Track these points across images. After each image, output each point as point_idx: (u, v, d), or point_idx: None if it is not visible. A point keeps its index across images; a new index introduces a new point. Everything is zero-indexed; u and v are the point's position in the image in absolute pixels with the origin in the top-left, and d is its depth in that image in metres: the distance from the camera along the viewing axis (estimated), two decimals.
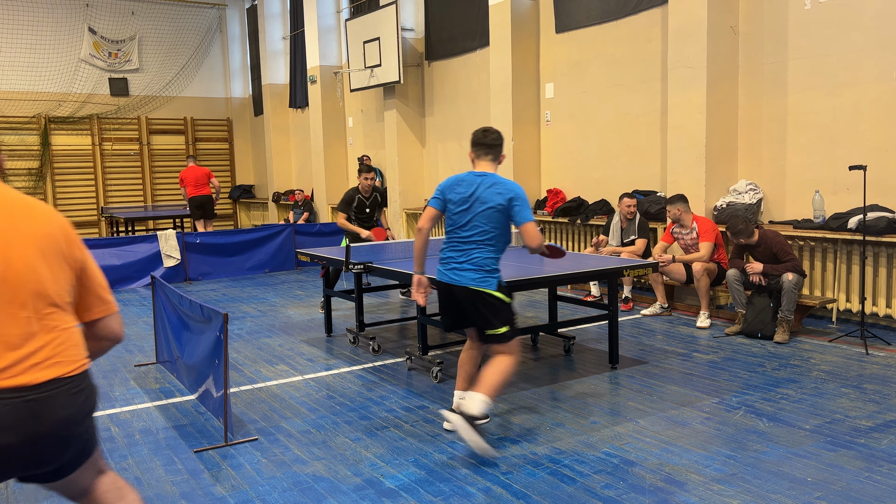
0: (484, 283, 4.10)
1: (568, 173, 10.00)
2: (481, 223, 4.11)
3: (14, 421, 1.84)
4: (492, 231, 4.12)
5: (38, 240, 1.99)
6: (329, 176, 15.04)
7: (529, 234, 4.09)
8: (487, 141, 4.30)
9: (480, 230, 4.12)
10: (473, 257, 4.11)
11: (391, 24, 12.09)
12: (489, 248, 4.13)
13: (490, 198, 4.10)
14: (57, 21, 16.92)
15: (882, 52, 6.56)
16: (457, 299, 4.20)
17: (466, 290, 4.11)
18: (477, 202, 4.12)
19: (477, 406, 3.92)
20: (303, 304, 8.75)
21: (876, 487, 3.49)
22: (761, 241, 6.38)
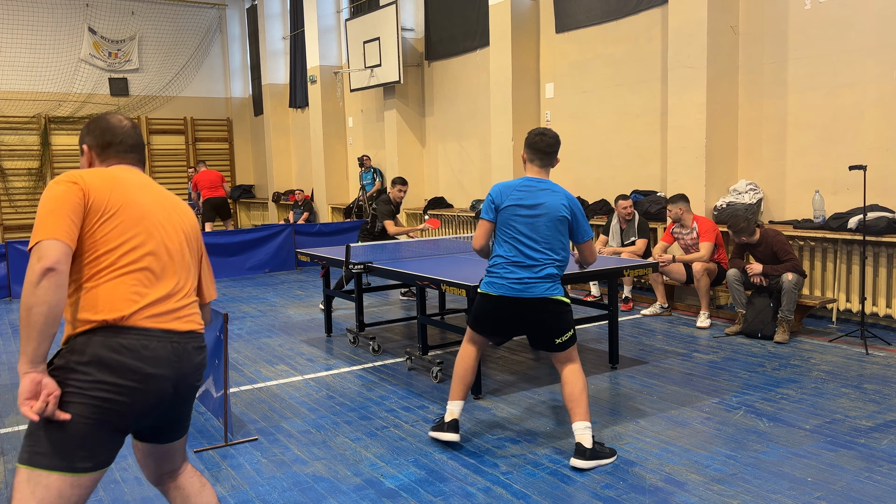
0: (555, 291, 3.97)
1: (568, 173, 10.00)
2: (547, 232, 3.95)
3: (168, 357, 2.29)
4: (557, 240, 3.97)
5: (185, 228, 2.50)
6: (329, 176, 15.04)
7: (591, 252, 4.12)
8: (543, 146, 4.09)
9: (547, 239, 3.95)
10: (541, 268, 3.94)
11: (391, 24, 12.10)
12: (556, 256, 3.98)
13: (555, 207, 3.96)
14: (57, 21, 16.93)
15: (882, 52, 6.56)
16: (520, 312, 3.97)
17: (538, 301, 3.93)
18: (542, 211, 3.95)
19: (590, 437, 3.89)
20: (303, 304, 8.75)
21: (876, 487, 3.49)
22: (762, 240, 6.39)
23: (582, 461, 3.82)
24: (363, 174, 13.59)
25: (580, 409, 3.93)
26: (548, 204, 3.96)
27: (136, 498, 3.63)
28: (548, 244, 3.96)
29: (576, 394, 3.95)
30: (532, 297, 3.94)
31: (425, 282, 5.09)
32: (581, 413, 3.92)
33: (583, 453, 3.84)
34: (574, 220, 4.01)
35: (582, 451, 3.84)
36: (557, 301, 3.98)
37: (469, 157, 11.85)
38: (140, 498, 3.62)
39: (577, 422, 3.91)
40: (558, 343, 4.00)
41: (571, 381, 3.99)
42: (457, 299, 8.33)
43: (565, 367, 4.04)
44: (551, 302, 3.96)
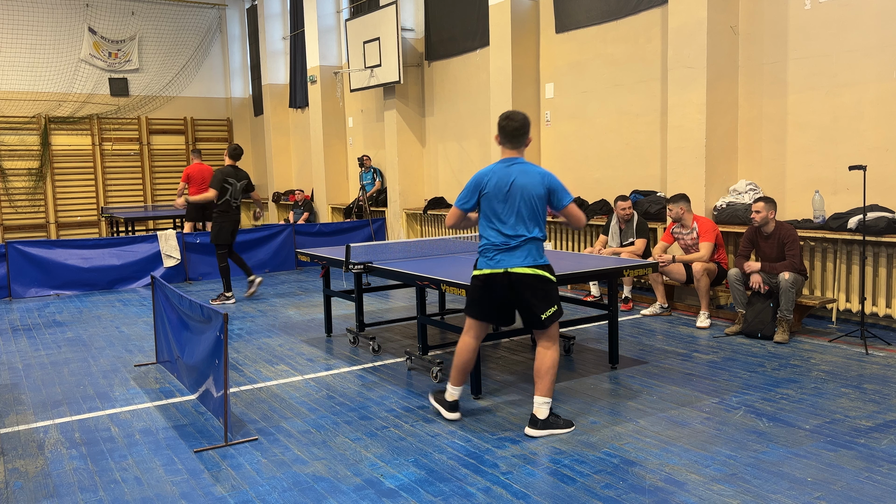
0: (537, 264, 4.26)
1: (568, 173, 10.00)
2: (524, 209, 4.23)
3: None
4: (535, 215, 4.25)
5: None
6: (329, 176, 15.04)
7: (575, 215, 4.35)
8: (510, 130, 4.33)
9: (525, 216, 4.24)
10: (522, 244, 4.24)
11: (391, 24, 12.10)
12: (535, 232, 4.27)
13: (528, 185, 4.23)
14: (57, 21, 16.93)
15: (882, 52, 6.56)
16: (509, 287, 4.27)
17: (521, 274, 4.23)
18: (517, 192, 4.23)
19: (546, 410, 4.28)
20: (303, 304, 8.75)
21: (876, 487, 3.49)
22: (776, 231, 6.38)
23: (534, 430, 4.25)
24: (363, 174, 13.59)
25: (543, 385, 4.29)
26: (519, 182, 4.24)
27: (136, 498, 3.63)
28: (526, 221, 4.25)
29: (543, 369, 4.30)
30: (517, 271, 4.24)
31: (425, 282, 5.09)
32: (543, 388, 4.29)
33: (535, 423, 4.26)
34: (551, 192, 4.28)
35: (535, 421, 4.26)
36: (541, 276, 4.27)
37: (469, 157, 11.84)
38: (140, 498, 3.62)
39: (537, 395, 4.29)
40: (544, 318, 4.28)
41: (545, 360, 4.32)
42: (457, 299, 8.33)
43: (542, 341, 4.37)
44: (535, 277, 4.25)
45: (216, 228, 8.94)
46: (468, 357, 4.51)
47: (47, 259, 9.87)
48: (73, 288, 9.99)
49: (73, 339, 7.23)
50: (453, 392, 4.54)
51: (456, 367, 4.51)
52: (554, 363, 4.31)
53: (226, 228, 8.93)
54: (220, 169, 8.89)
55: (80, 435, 4.51)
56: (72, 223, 17.27)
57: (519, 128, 4.31)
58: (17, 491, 3.75)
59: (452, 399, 4.54)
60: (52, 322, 8.07)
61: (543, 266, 4.30)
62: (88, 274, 10.08)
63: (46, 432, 4.59)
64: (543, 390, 4.28)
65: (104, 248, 10.23)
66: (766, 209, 6.43)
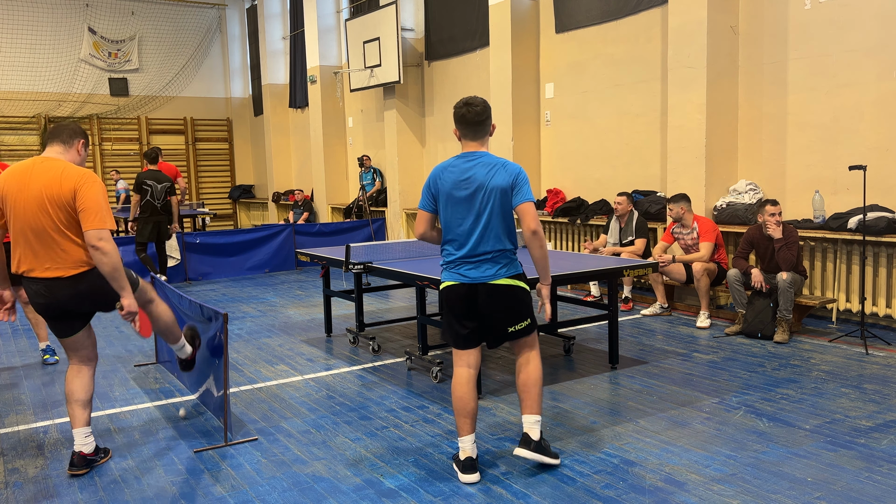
0: (508, 273, 3.70)
1: (568, 173, 10.00)
2: (487, 210, 3.64)
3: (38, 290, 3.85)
4: (500, 215, 3.66)
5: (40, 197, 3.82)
6: (329, 176, 15.04)
7: (529, 214, 3.61)
8: (471, 118, 3.72)
9: (494, 217, 3.65)
10: (490, 249, 3.67)
11: (391, 24, 12.09)
12: (505, 234, 3.70)
13: (491, 179, 3.64)
14: (57, 21, 16.92)
15: (882, 52, 6.56)
16: (477, 300, 3.71)
17: (491, 286, 3.67)
18: (479, 188, 3.65)
19: (538, 430, 3.78)
20: (303, 304, 8.75)
21: (876, 487, 3.49)
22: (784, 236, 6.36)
23: (527, 451, 3.72)
24: (363, 174, 13.59)
25: (533, 401, 3.79)
26: (481, 178, 3.65)
27: (136, 498, 3.63)
28: (488, 222, 3.65)
29: (530, 383, 3.80)
30: (487, 283, 3.68)
31: (425, 282, 5.09)
32: (534, 405, 3.78)
33: (528, 443, 3.73)
34: (514, 185, 3.64)
35: (528, 441, 3.74)
36: (516, 287, 3.72)
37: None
38: (140, 498, 3.62)
39: (527, 414, 3.80)
40: (511, 332, 3.77)
41: (526, 368, 3.84)
42: None
43: (524, 352, 3.86)
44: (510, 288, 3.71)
45: (139, 227, 9.73)
46: (467, 391, 3.74)
47: None
48: None
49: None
50: (463, 447, 3.73)
51: (455, 410, 3.75)
52: (541, 375, 3.83)
53: (146, 228, 9.69)
54: (139, 173, 9.77)
55: None
56: None
57: (480, 113, 3.70)
58: (17, 491, 3.75)
59: (465, 456, 3.71)
60: None
61: (519, 275, 3.76)
62: None
63: (46, 432, 4.59)
64: (534, 407, 3.77)
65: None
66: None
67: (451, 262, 3.76)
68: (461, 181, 3.68)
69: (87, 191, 3.69)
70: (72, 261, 3.75)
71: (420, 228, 3.84)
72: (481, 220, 3.66)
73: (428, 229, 3.84)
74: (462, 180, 3.68)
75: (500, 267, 3.70)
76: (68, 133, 3.87)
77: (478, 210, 3.66)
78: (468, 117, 3.73)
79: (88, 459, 3.97)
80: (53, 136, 3.86)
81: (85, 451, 3.96)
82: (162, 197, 9.71)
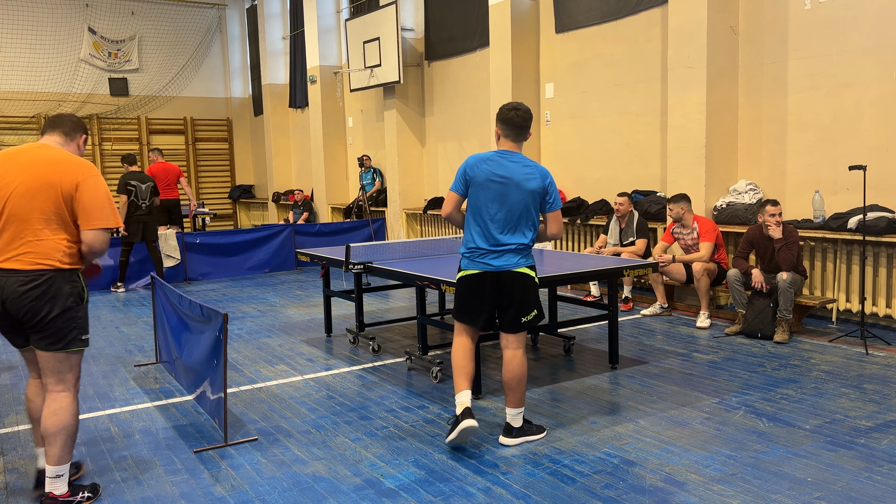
0: (526, 263, 4.09)
1: (568, 173, 10.00)
2: (516, 205, 4.00)
3: None
4: (526, 212, 4.03)
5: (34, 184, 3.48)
6: (329, 176, 15.04)
7: (558, 222, 4.15)
8: (518, 122, 4.08)
9: (516, 212, 4.01)
10: (514, 241, 4.03)
11: (391, 24, 12.10)
12: (529, 230, 4.07)
13: (526, 181, 4.00)
14: (57, 21, 16.92)
15: (882, 52, 6.56)
16: (498, 287, 4.07)
17: (514, 273, 4.04)
18: (514, 185, 3.99)
19: (520, 420, 4.17)
20: (303, 304, 8.75)
21: (876, 487, 3.49)
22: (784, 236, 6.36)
23: (509, 438, 4.13)
24: (363, 174, 13.59)
25: (516, 397, 4.13)
26: (517, 175, 4.02)
27: (136, 498, 3.63)
28: (517, 217, 4.02)
29: (515, 380, 4.11)
30: (504, 271, 4.05)
31: (425, 282, 5.09)
32: (516, 400, 4.14)
33: (509, 432, 4.14)
34: (547, 192, 4.07)
35: (509, 429, 4.15)
36: (532, 276, 4.11)
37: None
38: (140, 498, 3.62)
39: (510, 408, 4.15)
40: (523, 322, 4.11)
41: (512, 364, 4.13)
42: None
43: (509, 350, 4.15)
44: (529, 277, 4.09)
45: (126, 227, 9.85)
46: (465, 355, 4.19)
47: None
48: None
49: None
50: (462, 400, 4.07)
51: (455, 369, 4.19)
52: (525, 372, 4.12)
53: (133, 227, 9.88)
54: (123, 174, 10.02)
55: (80, 435, 4.51)
56: None
57: (526, 119, 4.08)
58: (17, 491, 3.75)
59: (463, 408, 4.03)
60: None
61: (533, 268, 4.16)
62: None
63: None
64: (517, 402, 4.11)
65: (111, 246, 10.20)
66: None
67: (475, 251, 4.11)
68: (498, 175, 4.03)
69: (91, 186, 3.42)
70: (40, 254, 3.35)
71: (448, 209, 4.22)
72: (512, 214, 4.02)
73: (455, 210, 4.22)
74: (499, 174, 4.03)
75: (520, 257, 4.08)
76: (71, 126, 3.63)
77: (510, 205, 4.02)
78: (516, 121, 4.09)
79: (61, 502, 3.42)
80: (55, 126, 3.62)
81: (56, 492, 3.42)
82: (147, 197, 9.91)
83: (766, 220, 6.37)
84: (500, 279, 4.07)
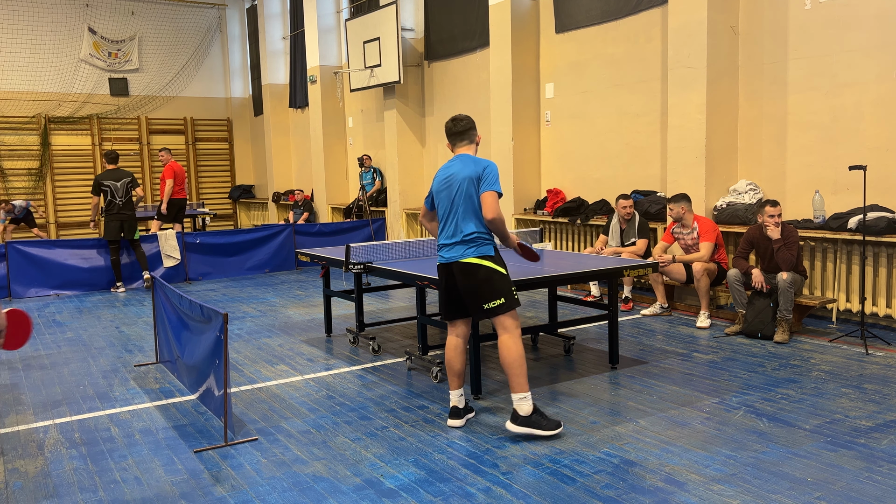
0: (475, 253, 4.23)
1: (568, 173, 10.00)
2: (461, 198, 4.25)
3: None
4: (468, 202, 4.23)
5: None
6: (329, 176, 15.04)
7: (486, 203, 4.16)
8: (459, 129, 4.42)
9: (463, 204, 4.25)
10: (460, 232, 4.26)
11: (391, 24, 12.10)
12: (473, 219, 4.25)
13: (462, 171, 4.26)
14: (57, 21, 16.92)
15: (882, 52, 6.56)
16: (454, 280, 4.32)
17: (459, 264, 4.26)
18: (454, 180, 4.29)
19: (526, 406, 4.17)
20: (303, 304, 8.75)
21: (876, 487, 3.49)
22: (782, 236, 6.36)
23: (513, 425, 4.18)
24: (363, 174, 13.59)
25: (513, 380, 4.20)
26: (455, 171, 4.30)
27: (136, 498, 3.63)
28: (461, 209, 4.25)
29: (507, 363, 4.20)
30: (456, 261, 4.27)
31: (425, 282, 5.09)
32: (514, 384, 4.19)
33: (515, 419, 4.19)
34: (481, 176, 4.21)
35: (515, 416, 4.19)
36: (481, 265, 4.21)
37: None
38: (140, 498, 3.62)
39: (513, 393, 4.21)
40: (486, 308, 4.22)
41: (503, 348, 4.23)
42: None
43: (499, 332, 4.28)
44: (474, 265, 4.21)
45: (104, 226, 10.00)
46: (453, 355, 4.44)
47: (47, 259, 9.87)
48: (73, 288, 9.99)
49: (73, 339, 7.23)
50: (451, 398, 4.48)
51: (446, 369, 4.49)
52: (519, 355, 4.18)
53: (111, 226, 9.92)
54: (97, 175, 10.22)
55: (80, 435, 4.51)
56: (72, 223, 17.25)
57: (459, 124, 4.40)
58: (17, 491, 3.75)
59: (452, 405, 4.47)
60: (52, 322, 8.07)
61: (488, 257, 4.24)
62: (88, 274, 10.08)
63: (46, 432, 4.59)
64: (515, 386, 4.19)
65: (104, 248, 10.23)
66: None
67: (438, 247, 4.43)
68: (445, 177, 4.37)
69: None
70: None
71: (421, 217, 4.69)
72: (453, 208, 4.30)
73: (427, 220, 4.68)
74: (444, 177, 4.38)
75: (467, 247, 4.25)
76: None
77: (452, 199, 4.30)
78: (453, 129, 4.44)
79: None
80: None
81: None
82: (123, 194, 9.94)
83: (765, 220, 6.37)
84: (450, 270, 4.34)
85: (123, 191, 9.95)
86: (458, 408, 4.45)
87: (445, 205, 4.34)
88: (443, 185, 4.36)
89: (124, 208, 9.95)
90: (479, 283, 4.21)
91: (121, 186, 9.93)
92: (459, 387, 4.46)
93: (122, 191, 9.93)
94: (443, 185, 4.36)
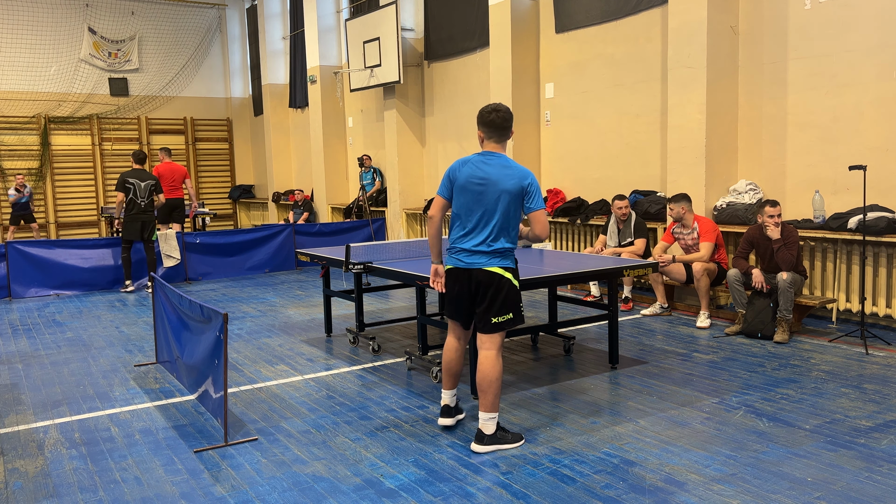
0: (499, 263, 4.05)
1: (568, 173, 10.00)
2: (494, 205, 4.01)
3: None
4: (505, 212, 4.02)
5: None
6: (329, 176, 15.05)
7: (540, 223, 4.04)
8: (498, 122, 4.10)
9: (501, 220, 4.02)
10: (490, 245, 4.04)
11: (391, 24, 12.10)
12: (507, 234, 4.07)
13: (502, 181, 4.00)
14: (57, 21, 16.92)
15: (882, 52, 6.56)
16: (470, 285, 4.10)
17: (484, 271, 4.04)
18: (490, 187, 4.01)
19: (492, 426, 4.09)
20: (303, 304, 8.75)
21: (876, 487, 3.49)
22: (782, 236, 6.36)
23: (479, 445, 4.07)
24: (363, 174, 13.59)
25: (487, 400, 4.08)
26: (495, 176, 4.02)
27: (136, 498, 3.63)
28: (494, 219, 4.02)
29: (488, 381, 4.07)
30: (481, 268, 4.05)
31: (425, 282, 5.09)
32: (487, 404, 4.08)
33: (481, 439, 4.08)
34: (527, 192, 4.03)
35: (481, 436, 4.08)
36: (504, 277, 4.05)
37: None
38: (140, 498, 3.62)
39: (482, 412, 4.11)
40: (494, 323, 4.07)
41: (484, 365, 4.10)
42: None
43: (483, 351, 4.13)
44: (497, 275, 4.04)
45: (124, 225, 9.93)
46: (451, 357, 4.36)
47: (47, 259, 9.87)
48: (73, 288, 9.99)
49: (73, 339, 7.23)
50: (444, 397, 4.43)
51: (443, 370, 4.40)
52: (499, 375, 4.08)
53: (133, 226, 9.87)
54: (123, 172, 10.04)
55: (80, 435, 4.51)
56: (72, 223, 17.25)
57: (507, 119, 4.10)
58: (17, 491, 3.75)
59: (444, 404, 4.43)
60: (52, 322, 8.07)
61: (510, 269, 4.10)
62: (88, 274, 10.08)
63: (46, 432, 4.59)
64: (488, 405, 4.07)
65: (104, 248, 10.23)
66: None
67: (453, 248, 4.18)
68: (476, 177, 4.06)
69: None
70: None
71: (433, 211, 4.24)
72: (485, 216, 4.04)
73: (440, 213, 4.24)
74: (477, 177, 4.06)
75: (491, 257, 4.06)
76: None
77: (486, 205, 4.04)
78: (497, 122, 4.10)
79: None
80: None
81: None
82: (146, 195, 9.92)
83: (765, 220, 6.37)
84: (471, 276, 4.10)
85: (147, 192, 9.93)
86: (450, 406, 4.43)
87: (473, 207, 4.05)
88: (474, 184, 4.03)
89: (146, 209, 9.93)
90: (496, 293, 4.04)
91: (144, 188, 9.91)
92: (453, 387, 4.41)
93: (145, 192, 9.91)
94: (474, 184, 4.03)
